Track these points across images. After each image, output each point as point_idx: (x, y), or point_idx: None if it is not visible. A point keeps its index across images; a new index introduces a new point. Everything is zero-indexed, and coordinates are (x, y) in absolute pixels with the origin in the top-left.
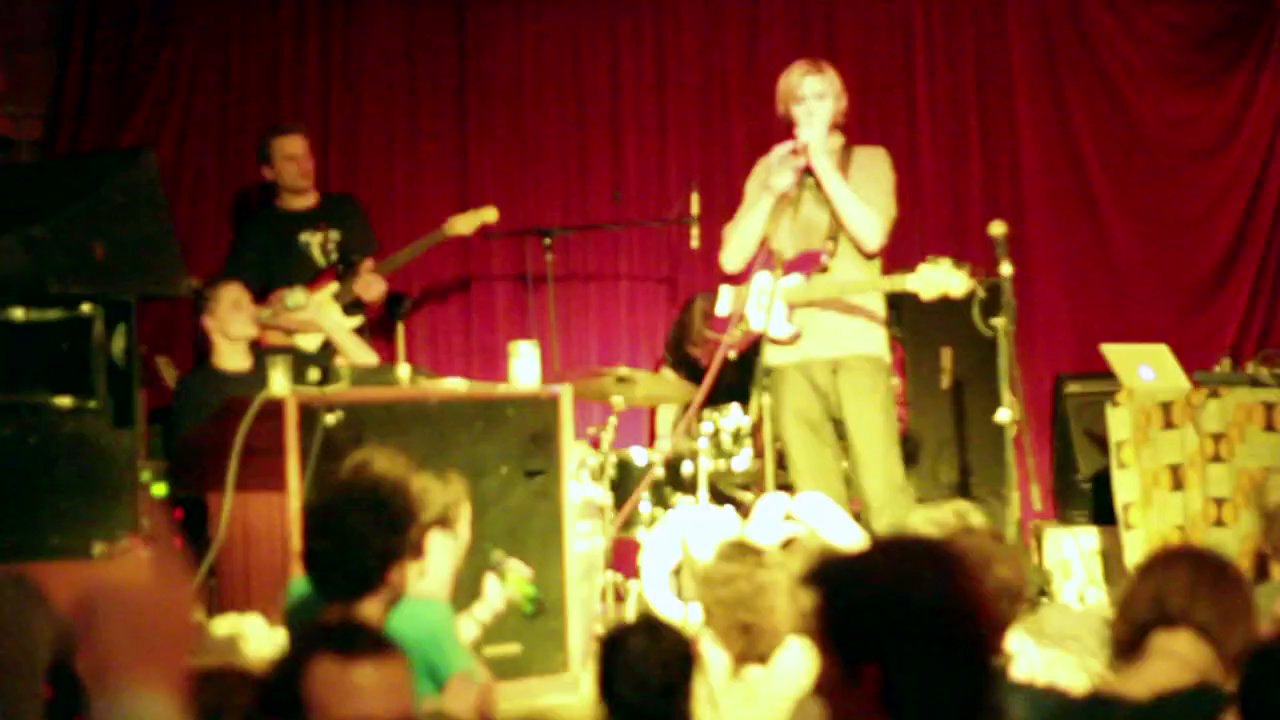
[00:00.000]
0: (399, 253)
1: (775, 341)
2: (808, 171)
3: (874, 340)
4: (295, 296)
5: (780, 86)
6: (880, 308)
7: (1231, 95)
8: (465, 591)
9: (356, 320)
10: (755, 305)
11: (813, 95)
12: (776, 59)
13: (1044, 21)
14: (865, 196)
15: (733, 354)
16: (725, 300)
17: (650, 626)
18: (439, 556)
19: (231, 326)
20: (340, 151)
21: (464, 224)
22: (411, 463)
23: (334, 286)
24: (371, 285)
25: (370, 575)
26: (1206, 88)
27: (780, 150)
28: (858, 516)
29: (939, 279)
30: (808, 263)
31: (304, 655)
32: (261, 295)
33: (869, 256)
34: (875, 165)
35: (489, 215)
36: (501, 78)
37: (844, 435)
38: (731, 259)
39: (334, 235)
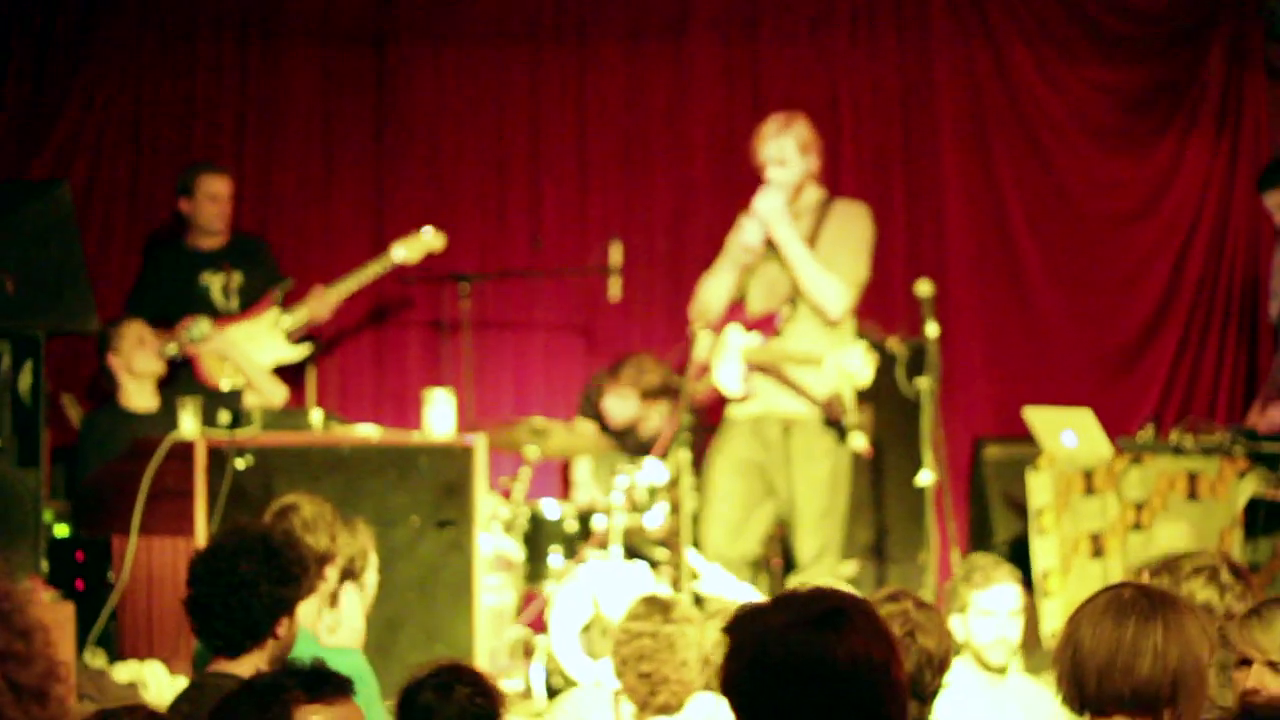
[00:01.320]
0: (345, 279)
1: (729, 397)
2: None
3: (835, 398)
4: (200, 327)
5: (752, 143)
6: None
7: (1159, 159)
8: (371, 644)
9: (305, 349)
10: (719, 357)
11: (773, 161)
12: (701, 109)
13: (972, 80)
14: (831, 261)
15: (699, 399)
16: (703, 345)
17: (442, 683)
18: (350, 608)
19: (137, 363)
20: (254, 190)
21: (411, 250)
22: (336, 511)
23: (274, 315)
24: (325, 306)
25: (257, 627)
26: (1134, 151)
27: (741, 235)
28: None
29: (845, 374)
30: (767, 323)
31: (282, 705)
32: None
33: (831, 323)
34: (851, 225)
35: (436, 243)
36: (420, 120)
37: (785, 492)
38: (698, 316)
39: (237, 277)
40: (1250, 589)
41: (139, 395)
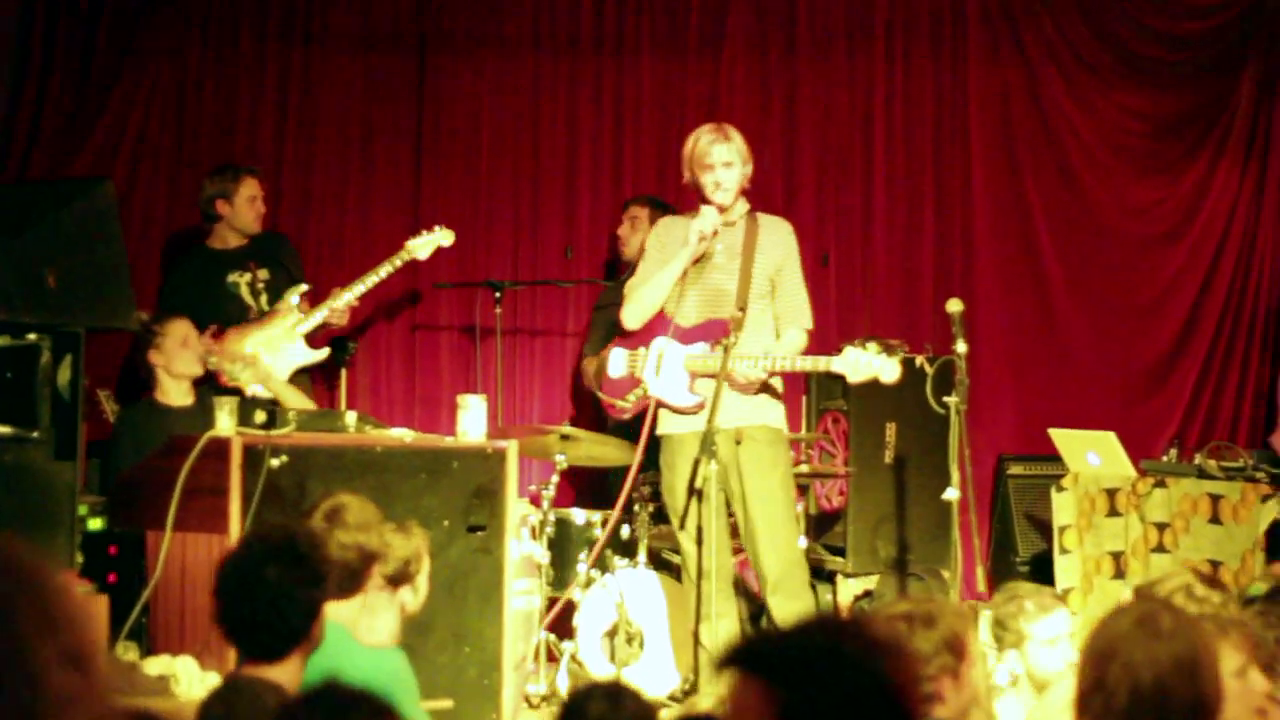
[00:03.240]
0: (359, 280)
1: (678, 411)
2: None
3: (775, 412)
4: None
5: (686, 152)
6: (780, 383)
7: (1188, 184)
8: (399, 645)
9: (324, 352)
10: (653, 371)
11: (720, 164)
12: (736, 120)
13: (1004, 101)
14: (795, 310)
15: (626, 416)
16: (618, 362)
17: (613, 692)
18: (387, 611)
19: (178, 364)
20: (292, 192)
21: (421, 249)
22: (380, 512)
23: (292, 319)
24: (341, 307)
25: (297, 634)
26: (1163, 175)
27: (697, 222)
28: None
29: (866, 364)
30: (714, 331)
31: None
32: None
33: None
34: (792, 255)
35: (445, 238)
36: (458, 128)
37: (740, 505)
38: (635, 316)
39: (263, 274)
40: (1229, 594)
41: (175, 392)
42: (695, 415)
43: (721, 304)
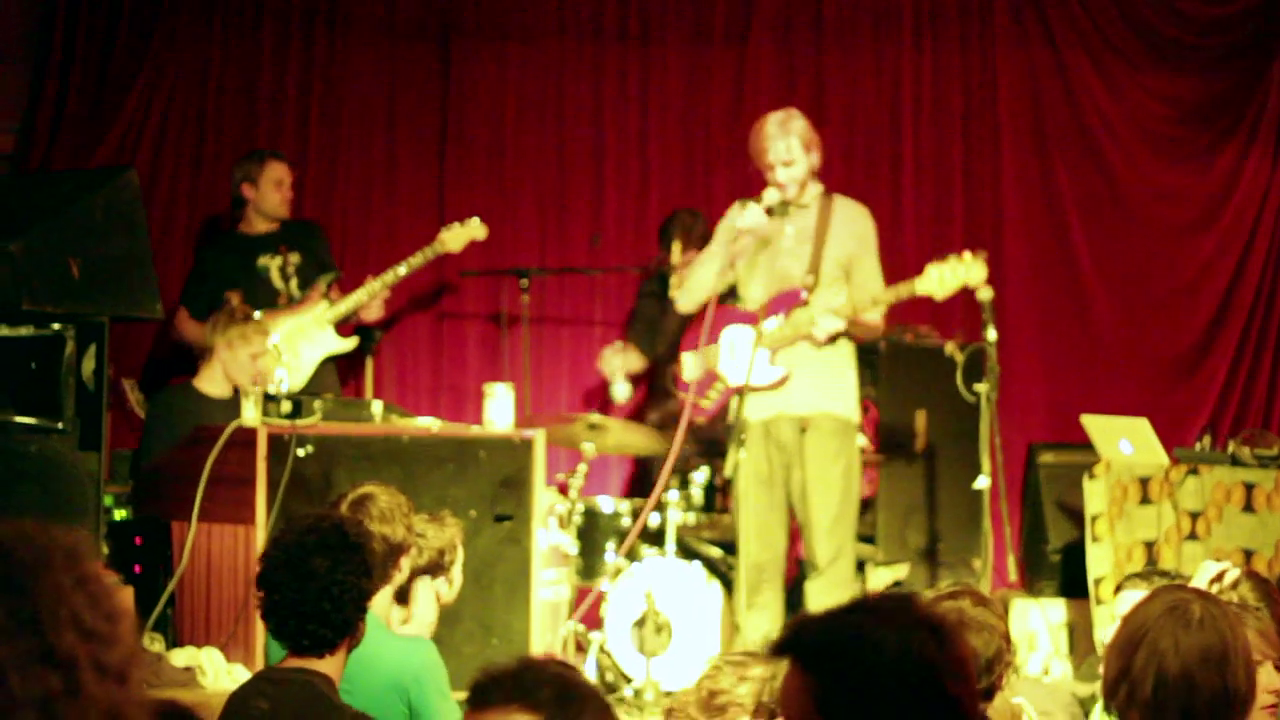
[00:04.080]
0: (390, 270)
1: (762, 390)
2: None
3: (846, 397)
4: None
5: (751, 144)
6: (852, 359)
7: (1219, 170)
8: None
9: (354, 340)
10: (729, 361)
11: (780, 164)
12: (762, 109)
13: (1034, 87)
14: (873, 291)
15: (701, 419)
16: (691, 365)
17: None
18: (425, 602)
19: (238, 370)
20: (316, 180)
21: (455, 241)
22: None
23: (321, 307)
24: (372, 296)
25: (350, 625)
26: (1194, 162)
27: (753, 211)
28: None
29: (951, 275)
30: (786, 302)
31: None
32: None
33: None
34: (867, 243)
35: (479, 232)
36: (483, 115)
37: (799, 493)
38: (686, 301)
39: (294, 259)
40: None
41: (217, 382)
42: (778, 392)
43: (791, 278)
